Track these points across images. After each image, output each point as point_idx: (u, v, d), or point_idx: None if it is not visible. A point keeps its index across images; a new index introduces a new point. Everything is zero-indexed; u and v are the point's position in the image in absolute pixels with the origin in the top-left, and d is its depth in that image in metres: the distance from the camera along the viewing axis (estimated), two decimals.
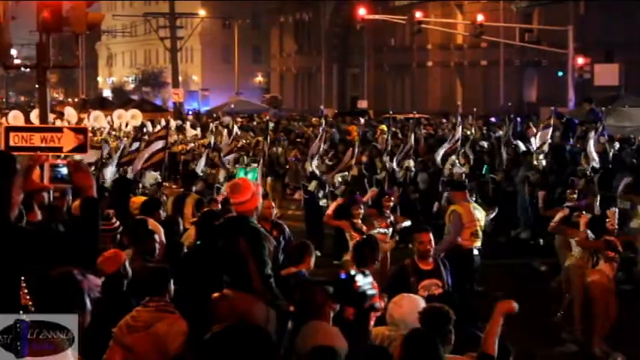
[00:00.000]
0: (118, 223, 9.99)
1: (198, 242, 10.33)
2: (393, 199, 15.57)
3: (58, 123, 28.62)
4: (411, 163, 22.30)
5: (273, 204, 14.13)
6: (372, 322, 6.44)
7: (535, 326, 12.85)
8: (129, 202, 13.06)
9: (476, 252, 13.57)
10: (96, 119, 40.62)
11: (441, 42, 68.31)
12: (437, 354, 5.97)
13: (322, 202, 21.90)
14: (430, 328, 7.13)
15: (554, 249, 15.57)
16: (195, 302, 8.07)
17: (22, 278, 5.29)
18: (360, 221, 13.94)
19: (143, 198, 13.53)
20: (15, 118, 35.97)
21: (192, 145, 32.48)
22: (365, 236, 11.49)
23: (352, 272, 4.93)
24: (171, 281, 7.47)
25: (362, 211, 14.18)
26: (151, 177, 19.75)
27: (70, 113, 41.70)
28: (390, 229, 14.56)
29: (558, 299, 13.87)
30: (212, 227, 9.65)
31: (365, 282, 4.94)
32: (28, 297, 5.47)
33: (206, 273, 8.83)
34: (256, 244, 8.48)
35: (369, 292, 5.02)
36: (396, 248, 14.80)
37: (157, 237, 9.42)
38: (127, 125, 39.55)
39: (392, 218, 14.86)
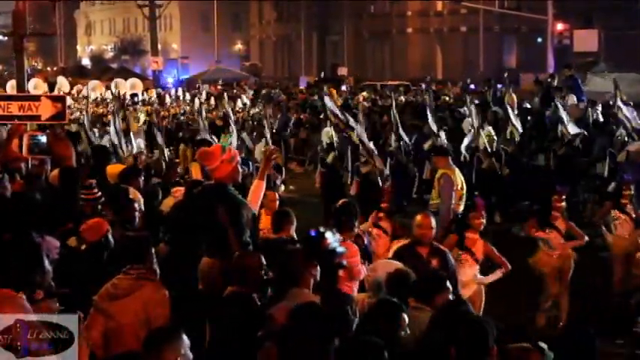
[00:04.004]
0: (99, 193, 9.93)
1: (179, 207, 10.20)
2: (564, 197, 12.88)
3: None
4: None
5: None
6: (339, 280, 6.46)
7: (516, 294, 12.85)
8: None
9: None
10: (94, 89, 40.48)
11: (420, 8, 68.21)
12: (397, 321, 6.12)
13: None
14: (394, 293, 7.26)
15: None
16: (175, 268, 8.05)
17: None
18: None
19: (120, 167, 13.38)
20: (13, 87, 35.62)
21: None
22: (344, 201, 10.65)
23: (321, 230, 5.04)
24: (152, 249, 7.46)
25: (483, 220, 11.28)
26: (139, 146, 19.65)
27: (63, 82, 41.46)
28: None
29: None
30: (190, 194, 9.61)
31: (334, 239, 5.07)
32: None
33: (185, 239, 8.78)
34: (234, 212, 8.45)
35: (338, 249, 5.14)
36: None
37: (136, 205, 9.39)
38: (125, 94, 39.38)
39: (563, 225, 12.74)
